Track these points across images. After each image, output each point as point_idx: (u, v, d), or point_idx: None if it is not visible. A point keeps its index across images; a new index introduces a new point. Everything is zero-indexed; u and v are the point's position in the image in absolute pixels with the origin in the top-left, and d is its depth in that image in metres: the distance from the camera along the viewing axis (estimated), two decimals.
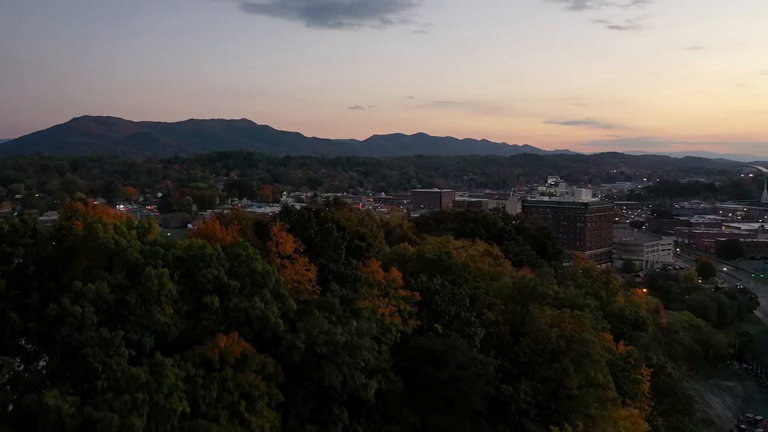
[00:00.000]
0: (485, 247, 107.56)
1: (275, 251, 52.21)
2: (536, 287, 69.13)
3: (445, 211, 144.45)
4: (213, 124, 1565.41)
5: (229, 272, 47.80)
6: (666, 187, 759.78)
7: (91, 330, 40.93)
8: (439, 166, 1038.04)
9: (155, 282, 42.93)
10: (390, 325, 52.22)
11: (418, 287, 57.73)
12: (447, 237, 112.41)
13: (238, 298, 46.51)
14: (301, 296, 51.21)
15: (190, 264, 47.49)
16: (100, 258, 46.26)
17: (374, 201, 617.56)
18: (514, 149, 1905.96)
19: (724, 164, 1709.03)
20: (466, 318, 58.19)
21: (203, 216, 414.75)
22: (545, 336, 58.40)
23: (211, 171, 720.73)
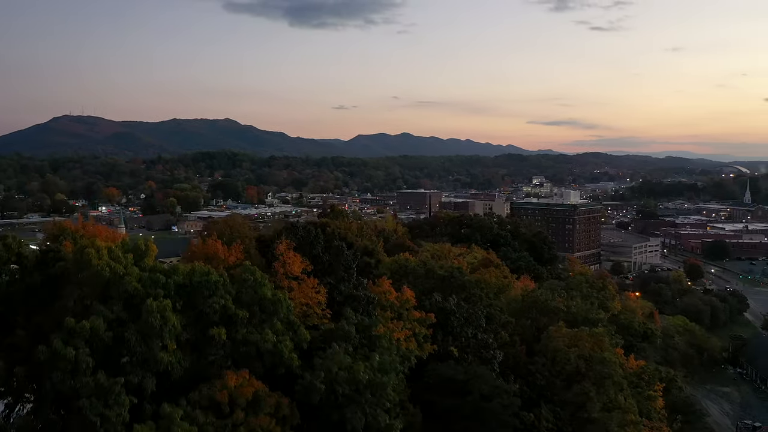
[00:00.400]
0: (483, 254, 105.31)
1: (282, 272, 48.67)
2: (547, 301, 66.61)
3: (438, 215, 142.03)
4: (196, 124, 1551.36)
5: (235, 299, 44.06)
6: (650, 187, 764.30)
7: (86, 375, 37.04)
8: (424, 166, 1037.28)
9: (157, 316, 39.13)
10: (407, 351, 48.95)
11: (432, 307, 54.63)
12: (444, 244, 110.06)
13: (246, 329, 42.88)
14: (309, 321, 47.44)
15: (194, 292, 43.70)
16: (94, 287, 42.21)
17: (360, 202, 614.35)
18: (498, 149, 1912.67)
19: (705, 164, 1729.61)
20: (483, 340, 55.26)
21: (187, 218, 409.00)
22: (563, 356, 55.82)
23: (194, 171, 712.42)
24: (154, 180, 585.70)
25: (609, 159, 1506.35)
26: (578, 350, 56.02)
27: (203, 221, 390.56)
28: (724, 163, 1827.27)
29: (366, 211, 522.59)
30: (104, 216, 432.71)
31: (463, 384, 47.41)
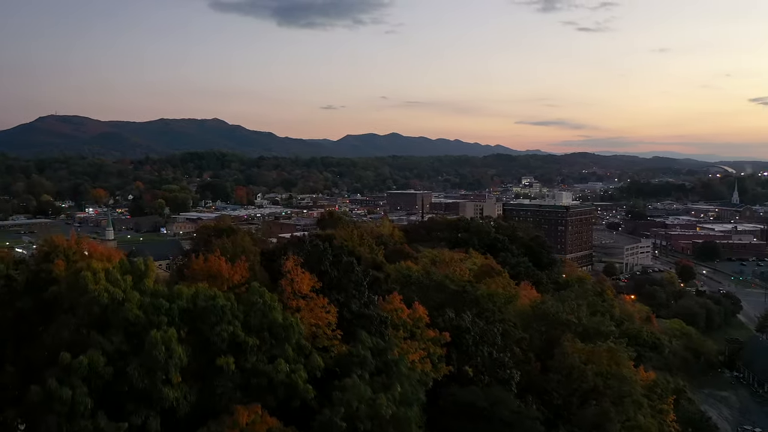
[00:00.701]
0: (482, 260, 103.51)
1: (290, 290, 46.11)
2: (558, 314, 64.75)
3: (434, 219, 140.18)
4: (184, 124, 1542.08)
5: (244, 324, 41.08)
6: (638, 187, 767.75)
7: (84, 418, 33.96)
8: (413, 166, 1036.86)
9: (162, 349, 36.03)
10: (423, 375, 46.57)
11: (446, 325, 52.36)
12: (442, 249, 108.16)
13: (257, 357, 39.93)
14: (319, 342, 44.52)
15: (199, 318, 40.73)
16: (91, 315, 38.99)
17: (350, 202, 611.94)
18: (487, 149, 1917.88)
19: (691, 164, 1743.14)
20: (499, 359, 53.12)
21: (176, 219, 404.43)
22: (580, 373, 53.96)
23: (183, 172, 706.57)
24: (142, 180, 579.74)
25: (597, 159, 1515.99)
26: (595, 367, 54.19)
27: (192, 223, 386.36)
28: (710, 163, 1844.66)
29: (356, 212, 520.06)
30: (91, 217, 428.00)
31: (484, 410, 45.20)
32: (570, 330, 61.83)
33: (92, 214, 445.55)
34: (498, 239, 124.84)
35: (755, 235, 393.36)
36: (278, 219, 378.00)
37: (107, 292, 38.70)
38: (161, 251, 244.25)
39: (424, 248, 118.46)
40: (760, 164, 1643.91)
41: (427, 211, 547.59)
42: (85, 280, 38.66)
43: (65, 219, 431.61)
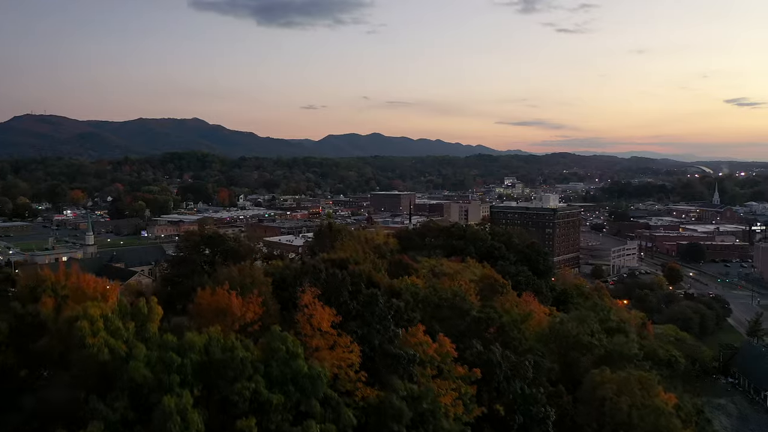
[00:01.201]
0: (482, 271, 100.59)
1: (308, 328, 41.77)
2: (579, 336, 61.66)
3: (428, 225, 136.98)
4: (163, 124, 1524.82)
5: (265, 375, 36.06)
6: (620, 188, 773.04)
7: None
8: (395, 167, 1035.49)
9: (177, 420, 30.63)
10: (455, 426, 42.25)
11: (475, 359, 48.58)
12: (440, 259, 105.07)
13: (281, 416, 34.83)
14: (341, 384, 40.42)
15: (216, 373, 35.54)
16: (89, 374, 33.79)
17: (333, 204, 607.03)
18: (468, 149, 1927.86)
19: (669, 164, 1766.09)
20: (532, 395, 49.66)
21: (157, 222, 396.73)
22: (613, 406, 50.84)
23: (163, 173, 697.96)
24: (121, 182, 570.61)
25: (577, 159, 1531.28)
26: (628, 399, 51.13)
27: (174, 225, 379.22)
28: (688, 163, 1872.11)
29: (340, 213, 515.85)
30: (69, 220, 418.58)
31: None
32: (591, 353, 58.88)
33: (70, 216, 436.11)
34: (494, 246, 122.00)
35: (737, 236, 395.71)
36: (262, 222, 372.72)
37: (108, 347, 33.64)
38: (143, 256, 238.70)
39: (420, 257, 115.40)
40: (736, 164, 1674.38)
41: (412, 213, 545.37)
42: (82, 332, 33.59)
43: (42, 222, 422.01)
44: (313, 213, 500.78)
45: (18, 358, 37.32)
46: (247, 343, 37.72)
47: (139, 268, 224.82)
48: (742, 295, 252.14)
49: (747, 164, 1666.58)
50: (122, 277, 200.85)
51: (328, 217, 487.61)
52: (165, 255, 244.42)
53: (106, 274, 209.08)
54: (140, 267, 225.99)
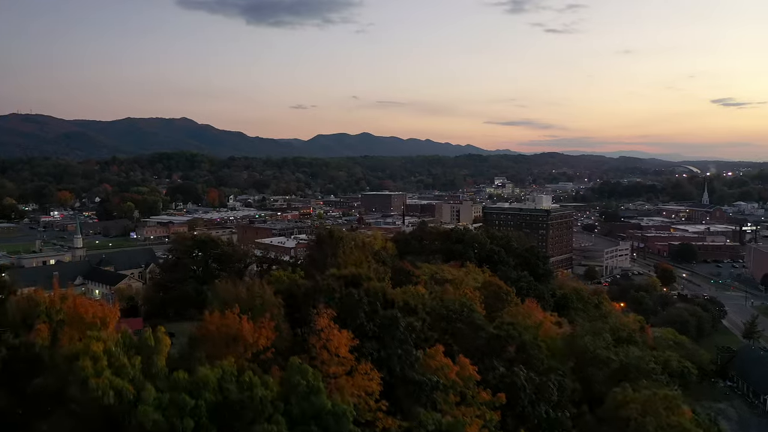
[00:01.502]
0: (483, 276, 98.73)
1: (326, 354, 38.80)
2: (597, 350, 59.71)
3: (426, 229, 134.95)
4: (151, 123, 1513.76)
5: (285, 412, 33.21)
6: (609, 188, 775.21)
7: None
8: (385, 167, 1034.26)
9: None
10: None
11: (498, 382, 46.29)
12: (440, 265, 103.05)
13: None
14: (360, 415, 37.28)
15: (233, 415, 32.52)
16: (94, 419, 30.10)
17: (324, 204, 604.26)
18: (458, 149, 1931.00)
19: (656, 164, 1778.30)
20: (558, 419, 47.57)
21: (146, 223, 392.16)
22: (639, 427, 48.95)
23: (151, 173, 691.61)
24: (109, 182, 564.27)
25: (566, 159, 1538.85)
26: (654, 420, 49.21)
27: (163, 227, 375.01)
28: (675, 162, 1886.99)
29: (331, 214, 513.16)
30: (57, 221, 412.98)
31: None
32: (608, 367, 57.00)
33: (57, 218, 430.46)
34: (493, 251, 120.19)
35: (727, 236, 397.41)
36: (253, 223, 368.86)
37: (113, 389, 30.26)
38: (133, 259, 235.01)
39: (419, 262, 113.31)
40: (723, 164, 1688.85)
41: (402, 213, 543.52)
42: (84, 372, 30.36)
43: (29, 223, 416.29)
44: (303, 214, 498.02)
45: (11, 399, 33.48)
46: (265, 379, 34.57)
47: (128, 271, 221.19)
48: (736, 296, 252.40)
49: (733, 164, 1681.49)
50: (112, 281, 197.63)
51: (318, 217, 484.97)
52: (155, 257, 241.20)
53: (95, 278, 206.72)
54: (130, 270, 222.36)
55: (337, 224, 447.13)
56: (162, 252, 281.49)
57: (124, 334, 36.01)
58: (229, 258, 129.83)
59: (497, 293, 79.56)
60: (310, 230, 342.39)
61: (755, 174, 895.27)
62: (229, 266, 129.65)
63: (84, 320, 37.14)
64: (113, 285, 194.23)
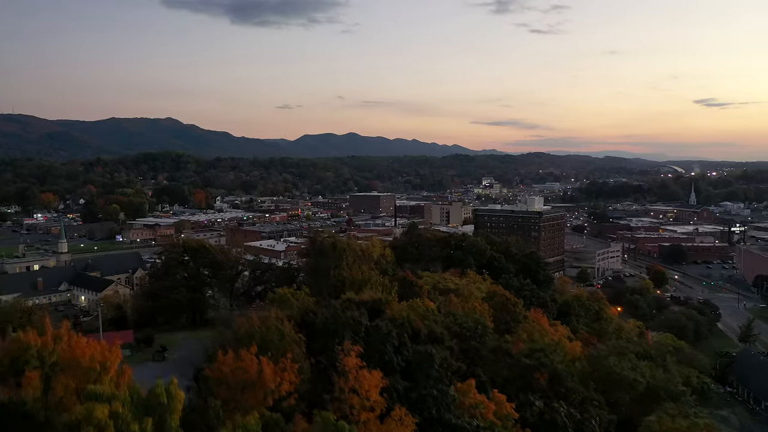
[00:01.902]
0: (488, 286, 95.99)
1: (357, 401, 34.63)
2: (623, 373, 56.88)
3: (424, 235, 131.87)
4: (136, 123, 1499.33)
5: None
6: (597, 188, 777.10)
7: None
8: (372, 167, 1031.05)
9: None
10: None
11: (536, 420, 43.12)
12: (442, 274, 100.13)
13: None
14: None
15: None
16: None
17: (312, 205, 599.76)
18: (444, 149, 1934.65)
19: (641, 164, 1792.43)
20: None
21: (133, 226, 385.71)
22: None
23: (136, 174, 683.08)
24: (93, 183, 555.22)
25: (552, 159, 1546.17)
26: None
27: (150, 229, 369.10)
28: (660, 162, 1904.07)
29: (320, 215, 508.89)
30: (40, 224, 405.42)
31: None
32: (635, 390, 54.25)
33: (41, 220, 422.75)
34: (494, 257, 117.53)
35: (715, 236, 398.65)
36: (241, 225, 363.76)
37: None
38: (120, 264, 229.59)
39: (419, 270, 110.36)
40: (706, 164, 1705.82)
41: (390, 214, 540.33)
42: None
43: (12, 226, 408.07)
44: (292, 215, 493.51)
45: None
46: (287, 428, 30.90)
47: (115, 276, 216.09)
48: (728, 298, 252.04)
49: (717, 164, 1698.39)
50: (98, 287, 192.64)
51: (307, 219, 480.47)
52: (142, 262, 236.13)
53: (80, 283, 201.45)
54: (117, 275, 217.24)
55: (326, 225, 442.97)
56: (149, 255, 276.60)
57: (133, 392, 31.49)
58: (220, 265, 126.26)
59: (504, 305, 76.70)
60: (299, 233, 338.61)
61: (739, 174, 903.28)
62: (221, 273, 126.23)
63: (81, 365, 33.11)
64: (99, 291, 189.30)
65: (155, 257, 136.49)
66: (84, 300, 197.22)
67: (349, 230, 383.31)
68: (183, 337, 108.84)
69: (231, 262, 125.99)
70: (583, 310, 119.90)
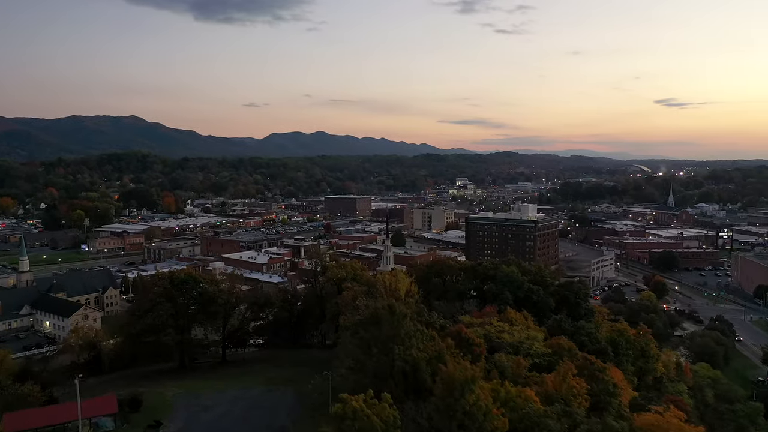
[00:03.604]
0: (541, 332, 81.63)
1: None
2: None
3: (447, 263, 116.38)
4: (98, 121, 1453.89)
5: None
6: (572, 189, 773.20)
7: None
8: (343, 166, 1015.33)
9: None
10: None
11: None
12: (491, 320, 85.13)
13: None
14: None
15: None
16: None
17: (286, 208, 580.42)
18: (413, 148, 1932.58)
19: (607, 163, 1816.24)
20: None
21: (99, 234, 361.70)
22: None
23: (100, 175, 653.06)
24: (55, 186, 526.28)
25: (521, 158, 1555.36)
26: None
27: (118, 237, 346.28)
28: (625, 161, 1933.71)
29: (295, 219, 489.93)
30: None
31: None
32: None
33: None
34: (531, 290, 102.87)
35: (700, 240, 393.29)
36: (218, 234, 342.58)
37: None
38: (88, 282, 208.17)
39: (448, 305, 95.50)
40: (670, 163, 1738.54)
41: (368, 217, 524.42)
42: None
43: None
44: (267, 219, 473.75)
45: None
46: None
47: (84, 297, 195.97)
48: (731, 310, 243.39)
49: (679, 163, 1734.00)
50: (65, 312, 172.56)
51: (283, 223, 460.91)
52: (113, 280, 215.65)
53: (44, 307, 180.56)
54: (85, 296, 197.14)
55: (303, 231, 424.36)
56: (118, 267, 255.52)
57: None
58: (211, 299, 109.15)
59: (591, 372, 62.03)
60: (280, 241, 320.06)
61: (707, 174, 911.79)
62: (212, 309, 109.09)
63: None
64: (66, 316, 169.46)
65: (141, 298, 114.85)
66: (49, 325, 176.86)
67: (330, 237, 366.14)
68: (173, 392, 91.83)
69: (224, 296, 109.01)
70: (629, 345, 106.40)
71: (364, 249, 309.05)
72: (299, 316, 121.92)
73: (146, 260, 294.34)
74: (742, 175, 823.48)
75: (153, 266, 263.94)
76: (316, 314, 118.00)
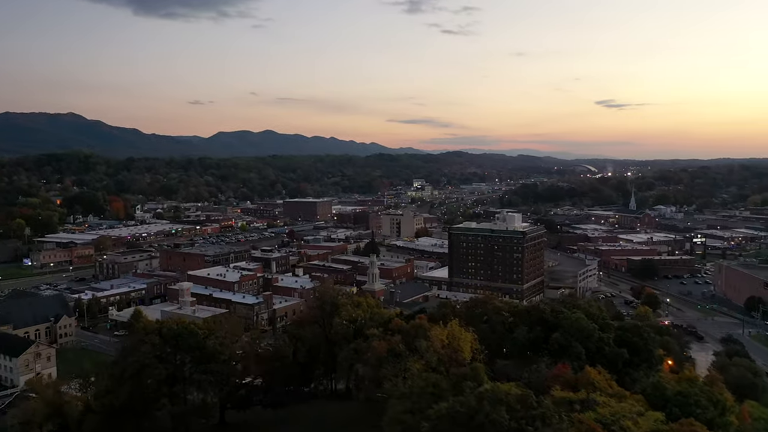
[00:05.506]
0: (646, 405, 65.36)
1: None
2: None
3: (493, 303, 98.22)
4: (33, 119, 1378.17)
5: None
6: (530, 191, 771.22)
7: None
8: (295, 166, 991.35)
9: None
10: None
11: None
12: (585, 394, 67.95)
13: None
14: None
15: None
16: None
17: (242, 212, 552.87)
18: (363, 147, 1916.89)
19: (553, 162, 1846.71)
20: None
21: (43, 245, 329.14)
22: None
23: (39, 177, 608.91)
24: None
25: (471, 158, 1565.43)
26: None
27: (65, 249, 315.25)
28: (569, 161, 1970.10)
29: (255, 225, 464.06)
30: None
31: None
32: None
33: None
34: (603, 340, 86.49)
35: (669, 245, 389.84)
36: (178, 246, 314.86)
37: None
38: (38, 311, 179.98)
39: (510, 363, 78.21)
40: (615, 162, 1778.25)
41: (330, 222, 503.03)
42: None
43: None
44: (225, 226, 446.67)
45: None
46: None
47: (33, 328, 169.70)
48: (726, 323, 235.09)
49: (621, 162, 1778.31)
50: (12, 350, 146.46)
51: (242, 230, 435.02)
52: (66, 307, 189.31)
53: None
54: (35, 327, 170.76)
55: (265, 237, 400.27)
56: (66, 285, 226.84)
57: None
58: (213, 356, 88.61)
59: None
60: (247, 254, 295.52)
61: (656, 175, 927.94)
62: (212, 367, 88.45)
63: None
64: (15, 356, 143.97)
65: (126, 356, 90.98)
66: None
67: (295, 245, 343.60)
68: None
69: (227, 351, 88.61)
70: (705, 399, 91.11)
71: (337, 260, 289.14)
72: (304, 363, 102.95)
73: (99, 276, 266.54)
74: (690, 176, 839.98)
75: (108, 284, 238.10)
76: (325, 361, 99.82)
